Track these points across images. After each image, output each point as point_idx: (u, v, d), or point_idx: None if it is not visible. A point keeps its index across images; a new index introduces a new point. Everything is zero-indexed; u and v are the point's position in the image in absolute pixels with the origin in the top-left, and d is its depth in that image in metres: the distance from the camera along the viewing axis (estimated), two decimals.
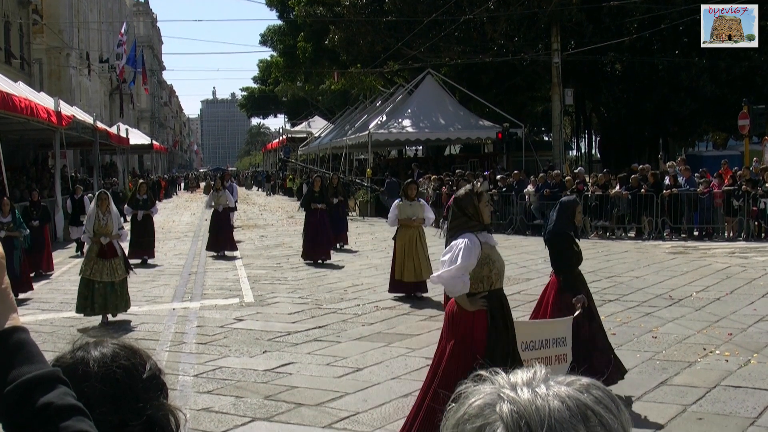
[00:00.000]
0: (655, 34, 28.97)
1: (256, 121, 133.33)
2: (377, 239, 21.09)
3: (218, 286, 13.81)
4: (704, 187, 19.63)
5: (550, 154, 31.35)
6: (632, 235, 20.52)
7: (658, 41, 30.38)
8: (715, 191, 19.57)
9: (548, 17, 28.41)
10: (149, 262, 17.12)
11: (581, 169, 27.11)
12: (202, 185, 63.67)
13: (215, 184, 20.07)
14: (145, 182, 19.40)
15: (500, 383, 0.99)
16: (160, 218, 25.95)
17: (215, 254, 18.24)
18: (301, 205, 18.78)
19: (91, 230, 10.63)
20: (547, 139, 44.90)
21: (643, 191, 20.09)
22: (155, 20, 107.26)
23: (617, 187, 20.98)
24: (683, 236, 19.98)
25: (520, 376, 1.00)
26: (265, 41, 63.82)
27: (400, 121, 31.02)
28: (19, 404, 1.25)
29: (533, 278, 13.15)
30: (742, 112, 23.52)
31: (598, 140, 46.14)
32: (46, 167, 30.46)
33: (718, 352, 8.21)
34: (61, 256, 18.70)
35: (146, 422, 1.48)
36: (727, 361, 7.87)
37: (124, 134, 38.01)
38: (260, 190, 63.99)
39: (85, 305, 10.46)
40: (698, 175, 20.65)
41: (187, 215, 34.14)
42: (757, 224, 19.20)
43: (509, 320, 5.55)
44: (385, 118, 32.12)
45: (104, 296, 10.39)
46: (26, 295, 12.77)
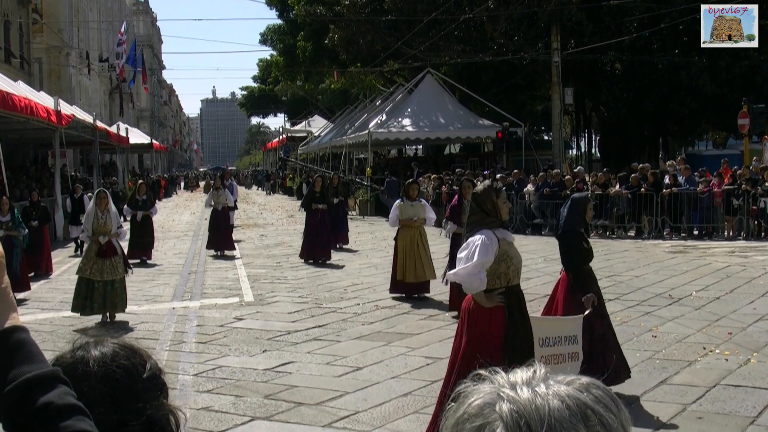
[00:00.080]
0: (654, 33, 28.97)
1: (255, 120, 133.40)
2: (377, 238, 21.10)
3: (218, 285, 13.81)
4: (704, 186, 19.62)
5: (550, 153, 31.33)
6: (632, 234, 20.52)
7: (657, 40, 30.37)
8: (714, 190, 19.57)
9: (548, 16, 28.41)
10: (147, 262, 17.11)
11: (581, 168, 27.11)
12: (201, 184, 63.64)
13: (215, 183, 20.02)
14: (144, 182, 19.36)
15: (500, 382, 0.99)
16: (159, 217, 25.94)
17: (215, 254, 18.23)
18: (301, 205, 18.69)
19: (89, 229, 10.62)
20: (546, 138, 44.88)
21: (642, 190, 20.09)
22: (155, 19, 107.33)
23: (617, 186, 20.98)
24: (683, 235, 19.98)
25: (519, 375, 1.00)
26: (264, 40, 63.83)
27: (399, 120, 31.01)
28: (19, 404, 1.25)
29: (533, 277, 13.15)
30: (741, 111, 23.52)
31: (597, 139, 46.15)
32: (45, 166, 30.48)
33: (717, 351, 8.21)
34: (60, 255, 18.70)
35: (146, 422, 1.47)
36: (726, 360, 7.87)
37: (123, 133, 38.05)
38: (260, 189, 63.97)
39: (84, 305, 10.43)
40: (698, 174, 20.65)
41: (186, 214, 34.13)
42: (756, 223, 19.20)
43: (526, 316, 5.56)
44: (384, 117, 32.11)
45: (104, 295, 10.38)
46: (24, 295, 12.75)
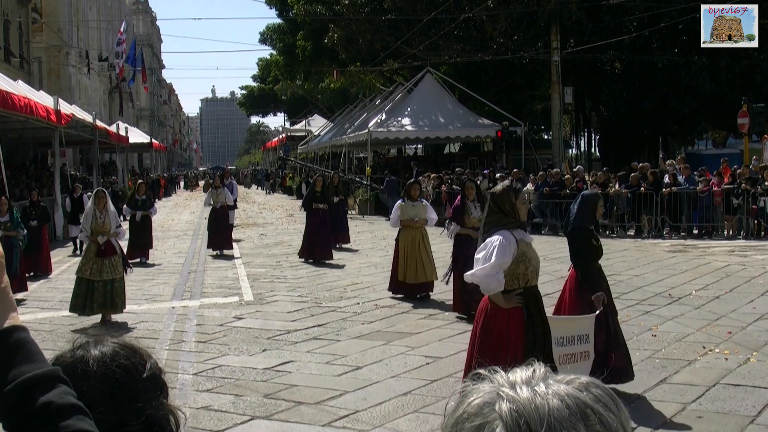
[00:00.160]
0: (654, 32, 28.97)
1: (255, 119, 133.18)
2: (377, 238, 21.10)
3: (218, 284, 13.81)
4: (704, 185, 19.62)
5: (549, 152, 31.33)
6: (632, 233, 20.52)
7: (657, 39, 30.38)
8: (714, 189, 19.57)
9: (548, 15, 28.40)
10: (146, 262, 17.06)
11: (580, 167, 27.12)
12: (201, 184, 63.64)
13: (214, 181, 19.92)
14: (144, 182, 19.33)
15: (499, 382, 0.99)
16: (159, 217, 25.94)
17: (214, 253, 18.11)
18: (302, 205, 18.39)
19: (88, 229, 10.58)
20: (546, 137, 44.88)
21: (642, 189, 20.09)
22: (154, 19, 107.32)
23: (617, 185, 20.98)
24: (683, 234, 19.99)
25: (519, 374, 1.00)
26: (264, 40, 63.85)
27: (399, 119, 31.00)
28: (19, 403, 1.25)
29: None
30: (741, 110, 23.52)
31: (597, 138, 46.19)
32: (45, 166, 30.46)
33: (717, 350, 8.21)
34: (60, 254, 18.69)
35: (146, 422, 1.47)
36: (726, 359, 7.87)
37: (123, 133, 38.06)
38: (260, 188, 63.95)
39: (84, 305, 10.38)
40: (697, 173, 20.65)
41: (186, 214, 34.13)
42: (756, 222, 19.21)
43: (544, 317, 5.56)
44: (384, 116, 32.10)
45: (104, 294, 10.35)
46: (22, 295, 12.68)
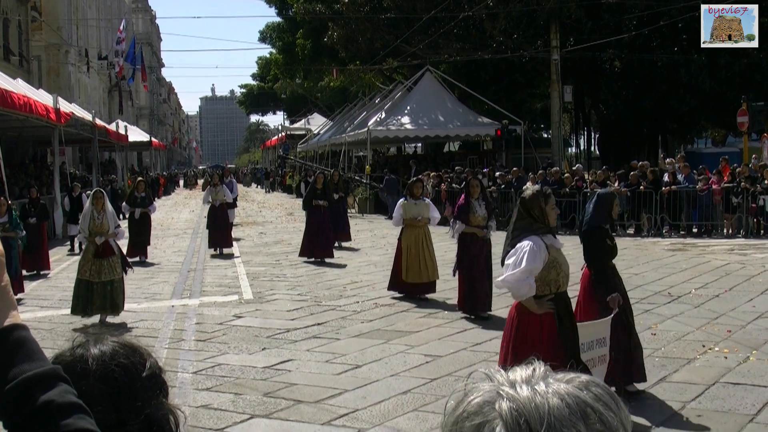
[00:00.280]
0: (654, 31, 28.97)
1: (255, 118, 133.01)
2: (376, 236, 21.10)
3: (217, 283, 13.80)
4: (703, 184, 19.63)
5: (549, 151, 31.31)
6: (631, 232, 20.52)
7: (657, 38, 30.38)
8: (714, 188, 19.57)
9: (547, 14, 28.39)
10: (146, 261, 17.02)
11: (580, 166, 27.11)
12: (200, 182, 63.61)
13: (212, 179, 19.78)
14: (143, 180, 19.31)
15: (499, 381, 0.99)
16: (159, 215, 25.94)
17: (214, 252, 18.02)
18: (303, 204, 17.93)
19: (86, 229, 10.50)
20: (546, 136, 44.88)
21: (642, 188, 20.09)
22: (154, 17, 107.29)
23: (616, 183, 20.97)
24: (682, 233, 19.99)
25: (519, 373, 1.00)
26: (264, 38, 63.88)
27: (399, 118, 30.99)
28: (19, 402, 1.25)
29: None
30: (741, 109, 23.51)
31: (597, 137, 46.21)
32: (45, 164, 30.43)
33: (717, 349, 8.22)
34: (59, 253, 18.69)
35: (145, 421, 1.47)
36: (726, 358, 7.88)
37: (123, 131, 38.04)
38: (259, 187, 63.95)
39: (84, 306, 10.34)
40: (697, 172, 20.65)
41: (186, 212, 34.13)
42: (756, 221, 19.21)
43: (574, 323, 5.56)
44: (384, 115, 32.09)
45: (103, 295, 10.30)
46: (19, 295, 12.69)
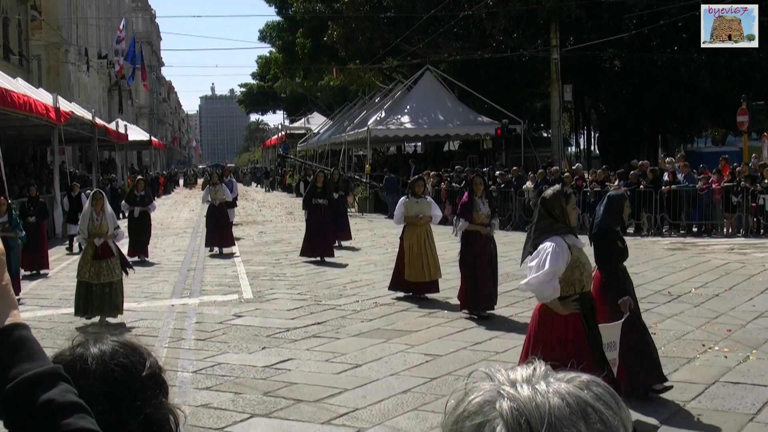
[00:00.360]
0: (654, 30, 28.96)
1: (254, 117, 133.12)
2: (376, 235, 21.10)
3: (217, 282, 13.80)
4: (703, 183, 19.63)
5: (548, 150, 31.30)
6: (631, 231, 20.50)
7: (657, 37, 30.37)
8: (714, 187, 19.57)
9: (547, 13, 28.39)
10: (146, 260, 16.99)
11: (579, 165, 27.11)
12: (200, 181, 63.60)
13: (212, 178, 19.68)
14: (143, 178, 19.28)
15: (500, 380, 0.99)
16: (159, 214, 25.93)
17: (211, 252, 17.87)
18: (303, 204, 17.69)
19: (85, 231, 10.45)
20: (546, 135, 44.88)
21: (642, 187, 20.09)
22: (154, 16, 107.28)
23: (616, 183, 20.97)
24: (682, 232, 19.99)
25: (519, 372, 1.00)
26: (264, 37, 63.83)
27: (398, 117, 30.99)
28: (20, 402, 1.25)
29: None
30: (741, 108, 23.50)
31: (597, 136, 46.22)
32: (44, 163, 30.43)
33: (717, 348, 8.22)
34: (59, 252, 18.70)
35: (144, 421, 1.47)
36: (726, 357, 7.88)
37: (122, 130, 38.02)
38: (259, 186, 63.94)
39: (86, 308, 10.31)
40: (697, 171, 20.65)
41: (186, 211, 34.12)
42: (755, 220, 19.21)
43: (597, 322, 5.56)
44: (383, 114, 32.08)
45: (101, 297, 10.25)
46: (18, 295, 12.67)
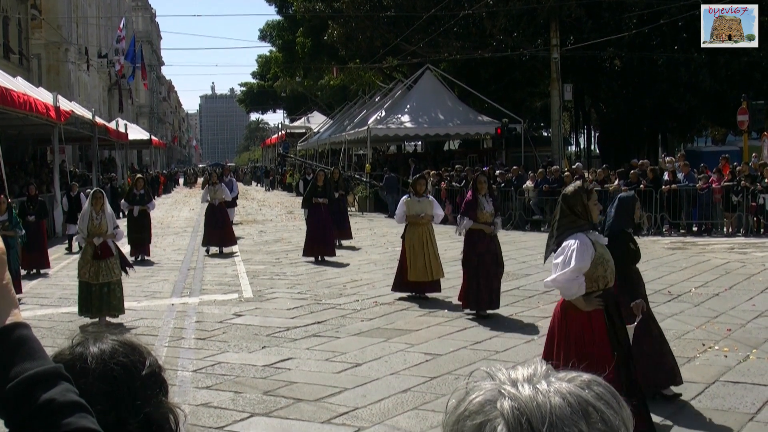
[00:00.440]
0: (654, 29, 28.96)
1: (255, 116, 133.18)
2: (376, 235, 21.09)
3: (217, 281, 13.80)
4: (703, 182, 19.63)
5: (549, 149, 31.29)
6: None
7: (657, 37, 30.37)
8: (714, 187, 19.57)
9: (547, 12, 28.38)
10: (146, 259, 16.97)
11: (579, 164, 27.12)
12: (200, 180, 63.60)
13: (211, 177, 19.60)
14: (142, 177, 19.26)
15: (501, 379, 0.99)
16: (159, 213, 25.94)
17: (207, 252, 17.67)
18: (303, 202, 17.50)
19: (85, 230, 10.42)
20: (546, 134, 44.85)
21: (642, 187, 20.08)
22: (154, 15, 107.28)
23: (616, 182, 20.98)
24: (682, 232, 19.99)
25: (520, 372, 1.00)
26: (264, 36, 63.82)
27: (399, 116, 30.97)
28: (20, 401, 1.25)
29: (532, 273, 13.16)
30: (741, 107, 23.51)
31: (597, 136, 46.21)
32: (44, 162, 30.42)
33: (717, 347, 8.22)
34: (59, 251, 18.70)
35: (144, 420, 1.47)
36: (726, 356, 7.88)
37: (122, 129, 38.03)
38: (259, 185, 63.93)
39: (88, 307, 10.29)
40: (697, 170, 20.65)
41: (186, 210, 34.12)
42: (756, 220, 19.21)
43: (622, 318, 5.54)
44: (384, 113, 32.07)
45: (100, 297, 10.24)
46: (18, 295, 12.63)
